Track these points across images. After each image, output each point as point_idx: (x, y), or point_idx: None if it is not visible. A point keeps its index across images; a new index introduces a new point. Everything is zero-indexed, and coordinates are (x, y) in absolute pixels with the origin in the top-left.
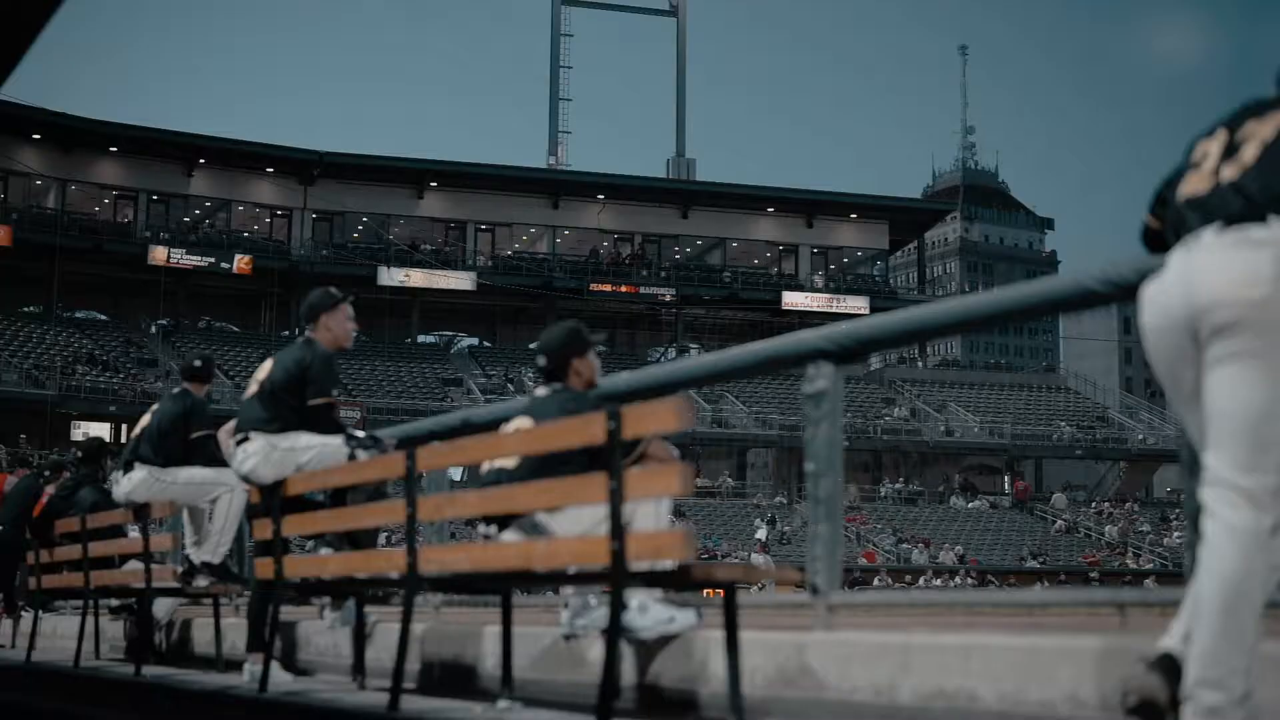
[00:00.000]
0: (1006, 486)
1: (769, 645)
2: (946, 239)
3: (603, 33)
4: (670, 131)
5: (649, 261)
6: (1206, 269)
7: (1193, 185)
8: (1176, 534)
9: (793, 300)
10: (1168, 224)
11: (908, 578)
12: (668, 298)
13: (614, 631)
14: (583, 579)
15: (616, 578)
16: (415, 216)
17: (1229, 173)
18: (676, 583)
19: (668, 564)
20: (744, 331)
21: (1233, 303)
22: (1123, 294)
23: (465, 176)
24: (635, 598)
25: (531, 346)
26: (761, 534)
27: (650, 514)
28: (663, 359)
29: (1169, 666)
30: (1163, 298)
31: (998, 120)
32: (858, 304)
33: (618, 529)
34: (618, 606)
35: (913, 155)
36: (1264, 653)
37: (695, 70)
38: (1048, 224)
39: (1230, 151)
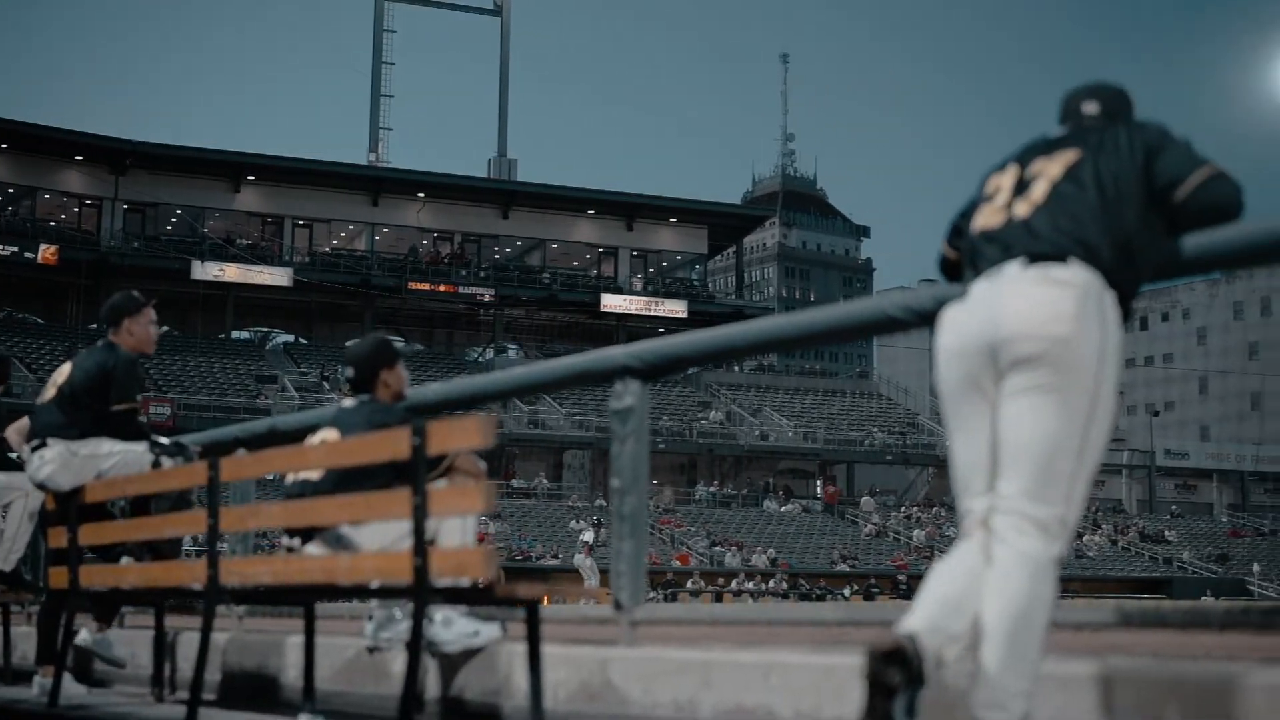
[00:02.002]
0: (819, 490)
1: (573, 660)
2: (765, 244)
3: (426, 30)
4: (492, 131)
5: (468, 261)
6: (1012, 302)
7: (987, 219)
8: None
9: (611, 303)
10: (964, 255)
11: (720, 580)
12: (487, 298)
13: (417, 645)
14: (386, 593)
15: (420, 593)
16: (231, 210)
17: (1021, 209)
18: (479, 599)
19: (471, 581)
20: (563, 333)
21: (1036, 337)
22: (921, 321)
23: (283, 171)
24: (440, 611)
25: (348, 344)
26: (588, 536)
27: (456, 529)
28: (481, 359)
29: (915, 642)
30: (965, 322)
31: (817, 128)
32: (676, 307)
33: (421, 545)
34: (421, 621)
35: (734, 161)
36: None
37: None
38: (864, 231)
39: (1021, 188)
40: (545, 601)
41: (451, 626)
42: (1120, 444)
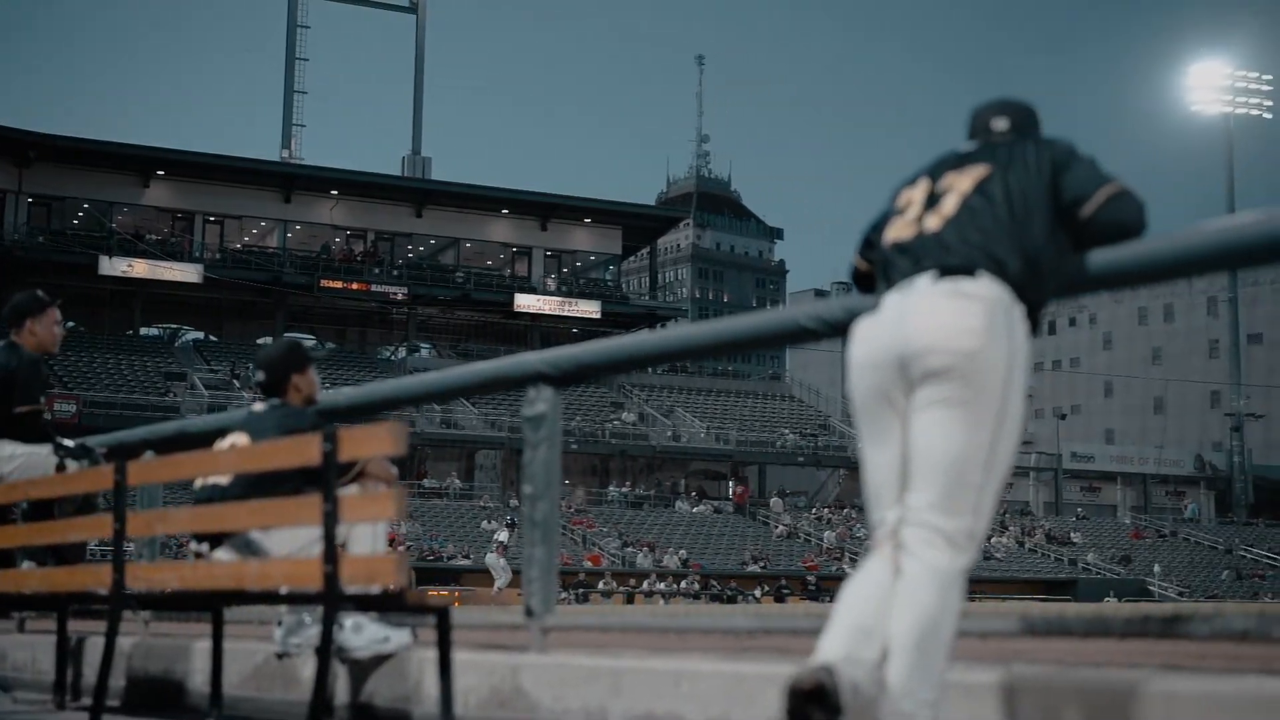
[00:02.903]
0: (730, 492)
1: (484, 666)
2: (679, 245)
3: (342, 26)
4: (407, 129)
5: (382, 259)
6: (923, 315)
7: (898, 231)
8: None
9: (525, 302)
10: (876, 267)
11: (632, 581)
12: (400, 296)
13: (326, 651)
14: (296, 599)
15: (329, 600)
16: (140, 205)
17: (932, 223)
18: (390, 606)
19: (382, 588)
20: (476, 332)
21: (946, 351)
22: (833, 331)
23: (194, 166)
24: (350, 616)
25: (259, 342)
26: (503, 535)
27: (367, 534)
28: (393, 357)
29: (833, 676)
30: (877, 335)
31: (732, 130)
32: (589, 308)
33: (332, 552)
34: (330, 627)
35: (648, 162)
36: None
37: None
38: (777, 233)
39: (932, 201)
40: (456, 601)
41: (362, 632)
42: (1028, 447)
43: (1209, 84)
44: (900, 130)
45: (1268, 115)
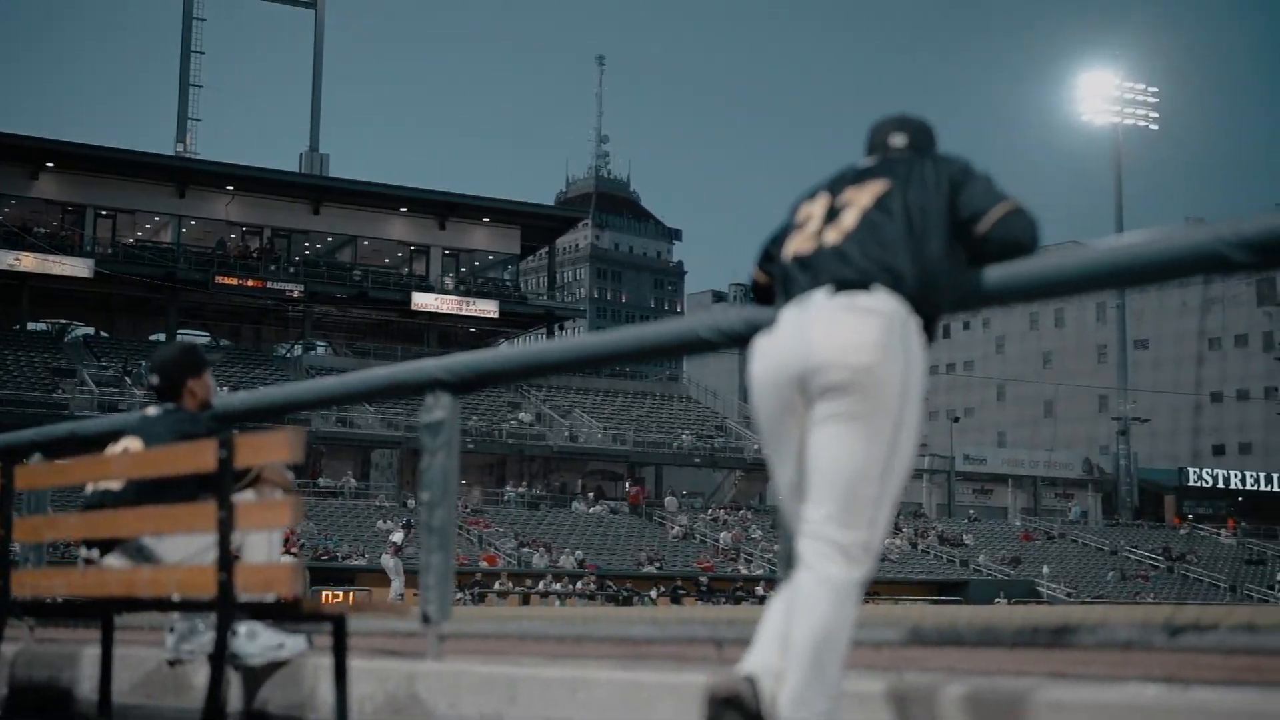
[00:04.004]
0: (626, 492)
1: (379, 673)
2: (578, 245)
3: (239, 20)
4: (305, 125)
5: (278, 256)
6: (819, 331)
7: (798, 245)
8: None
9: (423, 301)
10: (776, 280)
11: (528, 581)
12: (296, 294)
13: (220, 659)
14: (189, 607)
15: (224, 608)
16: (29, 197)
17: (831, 237)
18: (286, 615)
19: (277, 596)
20: (373, 331)
21: (842, 366)
22: (731, 342)
23: (85, 159)
24: (244, 623)
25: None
26: (398, 536)
27: (262, 540)
28: (289, 355)
29: (753, 686)
30: (775, 352)
31: (632, 131)
32: (487, 307)
33: (226, 560)
34: (225, 636)
35: (548, 162)
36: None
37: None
38: (676, 235)
39: (832, 215)
40: (352, 600)
41: (256, 639)
42: (922, 449)
43: (1098, 94)
44: (797, 134)
45: (1154, 126)
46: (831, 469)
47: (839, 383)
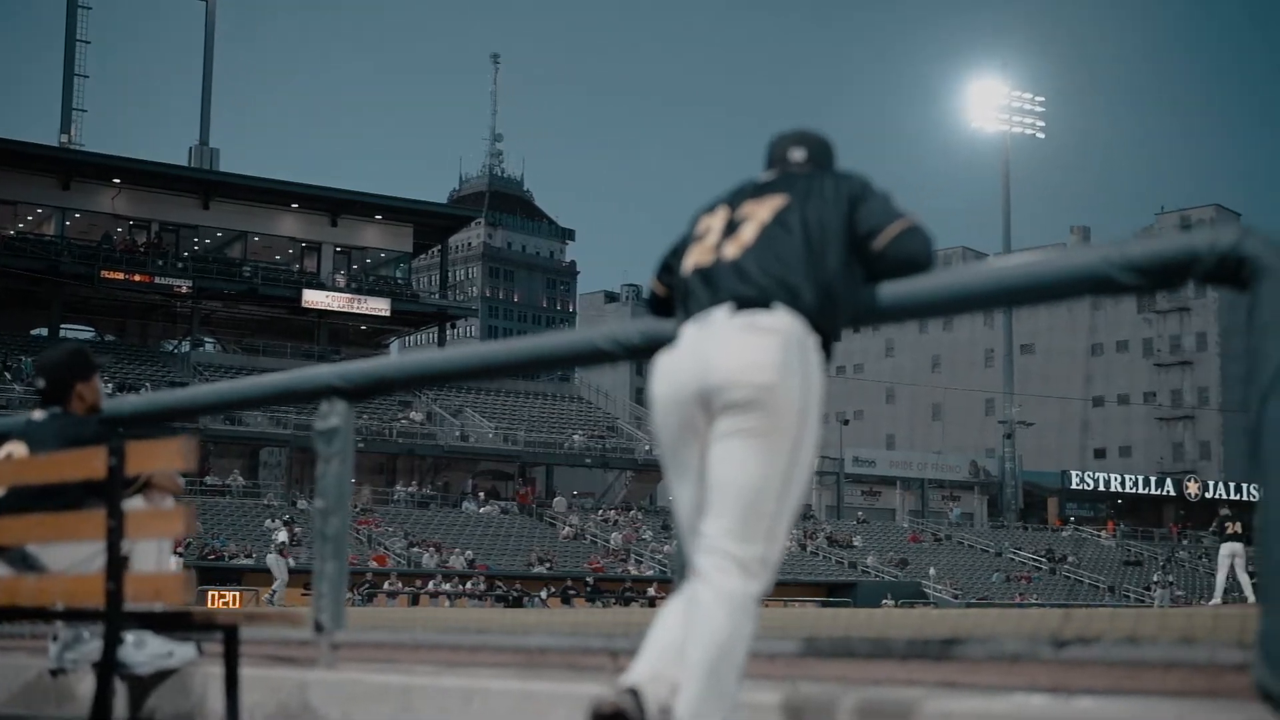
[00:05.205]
0: (515, 492)
1: (271, 682)
2: (470, 244)
3: (126, 9)
4: (195, 119)
5: (166, 251)
6: (721, 350)
7: (697, 258)
8: (676, 541)
9: (313, 299)
10: (675, 293)
11: (418, 582)
12: (184, 289)
13: (108, 669)
14: (75, 616)
15: (112, 618)
16: None
17: (730, 250)
18: (176, 624)
19: (168, 605)
20: (263, 327)
21: (745, 385)
22: (628, 354)
23: None
24: (132, 631)
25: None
26: (282, 536)
27: (152, 549)
28: (176, 351)
29: (638, 698)
30: (677, 369)
31: (526, 130)
32: (379, 305)
33: (116, 568)
34: (113, 645)
35: (441, 160)
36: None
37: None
38: (569, 234)
39: (731, 229)
40: (239, 600)
41: (144, 648)
42: None
43: (987, 103)
44: (690, 136)
45: (1041, 135)
46: (731, 485)
47: (741, 401)
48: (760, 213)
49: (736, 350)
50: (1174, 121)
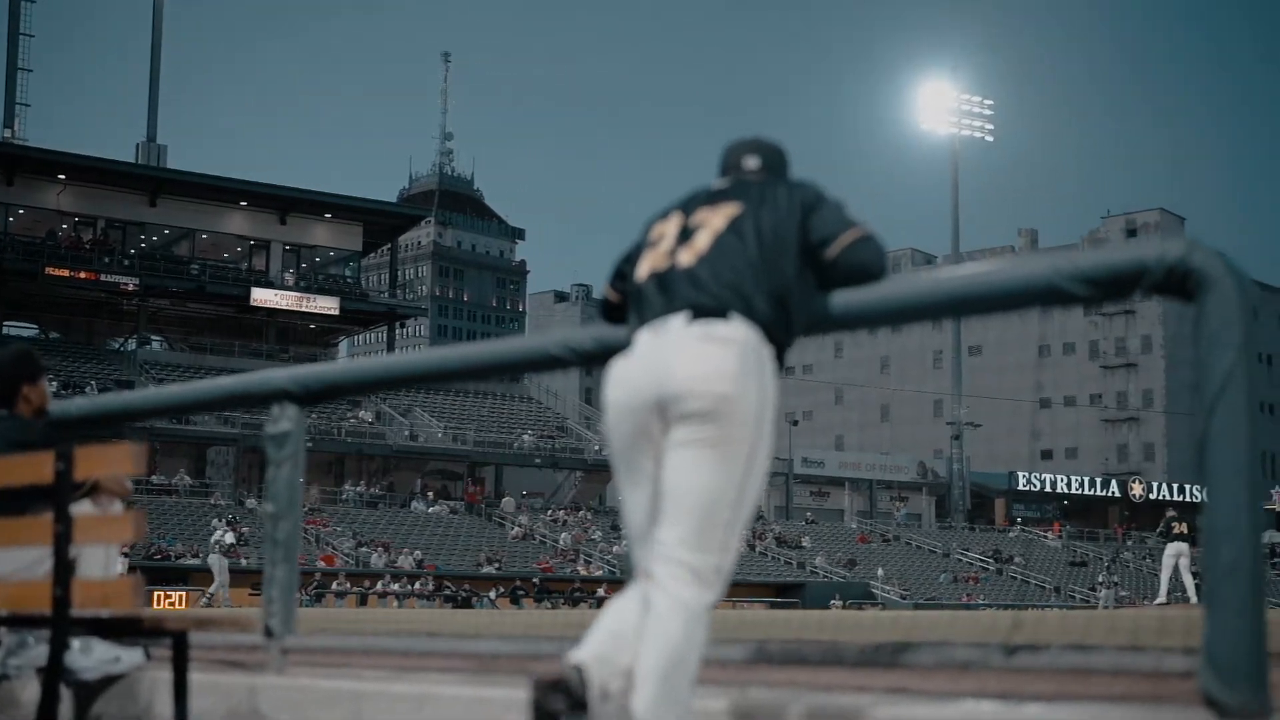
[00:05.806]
0: (463, 492)
1: (220, 688)
2: (420, 243)
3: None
4: (142, 115)
5: (112, 248)
6: (677, 359)
7: (651, 264)
8: (625, 543)
9: (262, 297)
10: (629, 300)
11: (366, 582)
12: (131, 287)
13: (54, 675)
14: (20, 622)
15: (59, 624)
16: None
17: (685, 258)
18: (125, 630)
19: (116, 611)
20: (211, 326)
21: (702, 394)
22: (581, 360)
23: None
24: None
25: None
26: (229, 537)
27: (99, 554)
28: (123, 349)
29: (581, 673)
30: (632, 377)
31: (477, 129)
32: (328, 304)
33: (63, 574)
34: (60, 652)
35: (391, 158)
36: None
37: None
38: (519, 234)
39: (685, 236)
40: (186, 601)
41: (90, 653)
42: None
43: (937, 105)
44: (640, 137)
45: (990, 138)
46: (687, 494)
47: (697, 410)
48: (714, 220)
49: (694, 360)
50: (1120, 125)
